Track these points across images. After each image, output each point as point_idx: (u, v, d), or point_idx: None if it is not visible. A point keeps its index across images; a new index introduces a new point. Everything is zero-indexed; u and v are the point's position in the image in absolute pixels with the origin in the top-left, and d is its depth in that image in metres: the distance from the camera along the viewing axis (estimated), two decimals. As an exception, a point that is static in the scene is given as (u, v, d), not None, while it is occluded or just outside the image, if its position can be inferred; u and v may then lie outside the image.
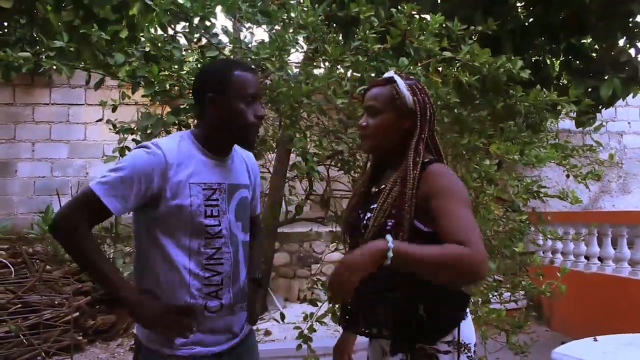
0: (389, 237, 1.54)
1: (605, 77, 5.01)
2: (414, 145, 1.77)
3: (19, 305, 4.51)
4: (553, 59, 5.85)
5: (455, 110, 3.26)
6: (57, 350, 4.38)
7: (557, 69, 5.72)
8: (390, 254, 1.50)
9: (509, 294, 3.83)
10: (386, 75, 1.87)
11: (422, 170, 1.75)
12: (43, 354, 4.25)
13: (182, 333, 1.72)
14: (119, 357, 4.78)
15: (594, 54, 5.62)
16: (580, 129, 7.33)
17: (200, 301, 1.75)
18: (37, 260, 5.48)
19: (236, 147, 1.92)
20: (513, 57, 3.22)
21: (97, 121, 7.55)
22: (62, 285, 5.04)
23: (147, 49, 2.76)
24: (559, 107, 3.72)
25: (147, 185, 1.68)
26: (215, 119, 1.79)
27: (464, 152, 3.26)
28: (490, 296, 3.49)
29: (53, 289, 5.03)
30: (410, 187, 1.70)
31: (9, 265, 5.23)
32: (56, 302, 4.76)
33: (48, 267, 5.15)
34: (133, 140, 2.81)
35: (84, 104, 7.66)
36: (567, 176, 3.43)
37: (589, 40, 5.82)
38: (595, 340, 3.83)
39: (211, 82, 1.80)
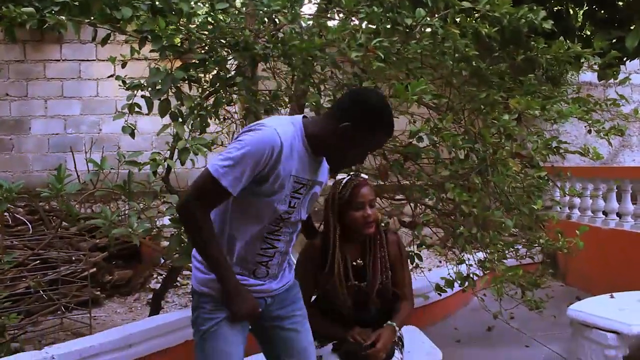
0: (390, 323, 2.51)
1: (631, 27, 4.82)
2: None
3: (38, 262, 4.56)
4: (576, 9, 5.63)
5: (474, 63, 3.15)
6: (76, 305, 4.44)
7: (580, 19, 5.51)
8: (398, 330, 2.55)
9: (525, 249, 3.80)
10: (363, 176, 2.56)
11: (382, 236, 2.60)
12: (62, 308, 4.31)
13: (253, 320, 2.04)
14: (137, 312, 4.86)
15: (619, 3, 5.39)
16: (602, 81, 7.14)
17: (252, 267, 2.00)
18: (54, 217, 5.53)
19: None
20: (535, 7, 3.08)
21: (108, 77, 7.51)
22: (78, 241, 5.09)
23: (154, 2, 2.66)
24: (581, 60, 3.58)
25: (261, 169, 1.81)
26: (336, 139, 1.90)
27: (482, 107, 3.17)
28: (507, 252, 3.45)
29: (70, 245, 5.08)
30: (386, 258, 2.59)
31: (27, 222, 5.28)
32: (73, 258, 4.80)
33: (64, 223, 5.19)
34: (142, 96, 2.75)
35: (95, 60, 7.58)
36: (589, 132, 3.32)
37: (614, -12, 5.58)
38: (612, 297, 3.81)
39: (361, 118, 1.87)
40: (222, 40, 2.98)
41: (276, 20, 3.08)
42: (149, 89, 2.70)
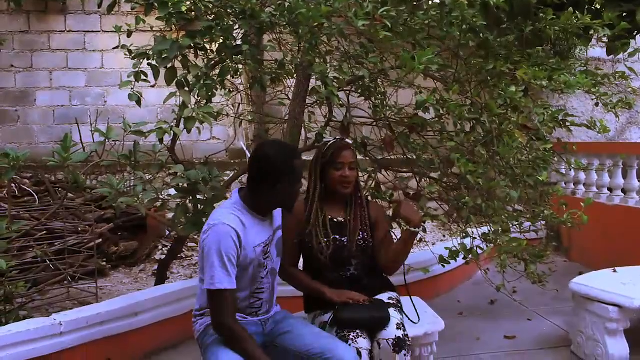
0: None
1: (642, 1, 4.74)
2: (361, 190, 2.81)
3: (44, 232, 4.60)
4: (586, -19, 5.54)
5: (482, 34, 3.12)
6: (82, 275, 4.49)
7: (590, -8, 5.42)
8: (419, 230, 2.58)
9: (529, 223, 3.80)
10: (347, 141, 2.76)
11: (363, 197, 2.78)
12: (69, 278, 4.36)
13: None
14: (142, 282, 4.91)
15: (630, -24, 5.29)
16: (611, 57, 7.05)
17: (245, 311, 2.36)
18: (60, 189, 5.56)
19: None
20: (545, -22, 3.04)
21: (114, 48, 7.47)
22: (84, 212, 5.13)
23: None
24: (590, 32, 3.54)
25: (237, 255, 2.14)
26: (273, 197, 2.24)
27: (489, 78, 3.15)
28: (511, 225, 3.46)
29: (76, 216, 5.12)
30: (366, 217, 2.70)
31: (33, 193, 5.31)
32: (79, 229, 4.84)
33: (70, 194, 5.22)
34: (148, 64, 2.74)
35: (99, 31, 7.52)
36: (597, 104, 3.29)
37: (625, -40, 5.48)
38: (615, 271, 3.83)
39: (275, 172, 2.18)
40: (229, 9, 2.96)
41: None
42: (155, 57, 2.69)
